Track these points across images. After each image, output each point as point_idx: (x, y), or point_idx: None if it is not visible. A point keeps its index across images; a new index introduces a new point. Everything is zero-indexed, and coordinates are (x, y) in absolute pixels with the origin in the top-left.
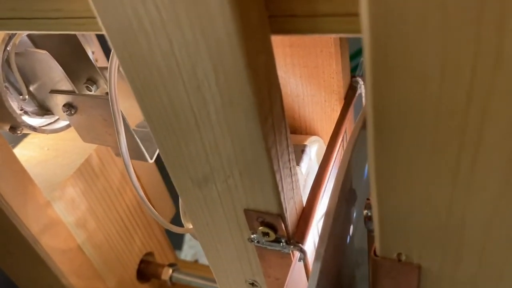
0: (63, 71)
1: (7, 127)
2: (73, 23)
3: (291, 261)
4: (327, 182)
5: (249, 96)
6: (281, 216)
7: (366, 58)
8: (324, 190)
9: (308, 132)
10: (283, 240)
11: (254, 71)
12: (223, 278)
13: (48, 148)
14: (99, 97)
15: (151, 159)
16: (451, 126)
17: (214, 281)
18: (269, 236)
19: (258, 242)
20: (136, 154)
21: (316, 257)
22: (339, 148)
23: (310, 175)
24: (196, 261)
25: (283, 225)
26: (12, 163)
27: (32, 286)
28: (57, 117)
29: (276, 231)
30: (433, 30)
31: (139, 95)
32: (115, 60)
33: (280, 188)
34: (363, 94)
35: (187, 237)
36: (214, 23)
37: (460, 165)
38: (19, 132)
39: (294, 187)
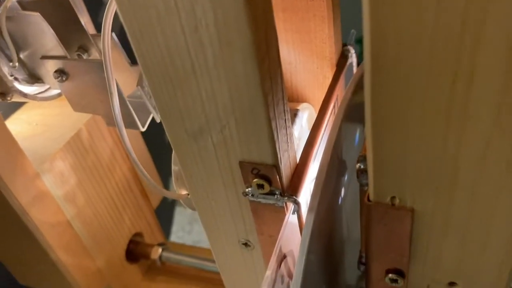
0: (55, 35)
1: None
2: None
3: (285, 215)
4: (319, 145)
5: (248, 36)
6: (276, 167)
7: None
8: (316, 152)
9: (300, 100)
10: (277, 192)
11: (253, 9)
12: (217, 239)
13: (36, 123)
14: (92, 61)
15: (143, 127)
16: (445, 55)
17: (204, 259)
18: (263, 188)
19: (252, 195)
20: (127, 122)
21: (310, 209)
22: (330, 114)
23: (302, 140)
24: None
25: (277, 176)
26: (2, 131)
27: (19, 261)
28: (48, 86)
29: (271, 183)
30: None
31: (136, 41)
32: (109, 18)
33: (275, 137)
34: (354, 64)
35: (175, 227)
36: None
37: (454, 97)
38: (9, 98)
39: (288, 141)
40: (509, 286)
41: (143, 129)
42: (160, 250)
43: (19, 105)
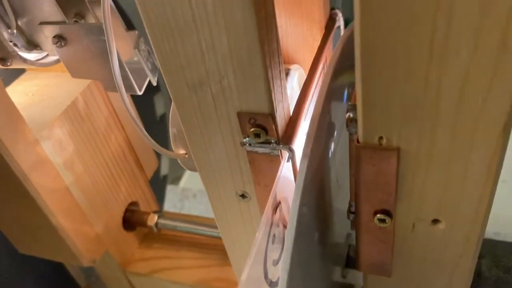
0: (54, 0)
1: None
2: None
3: (280, 164)
4: (310, 100)
5: None
6: (272, 115)
7: None
8: (308, 108)
9: (290, 62)
10: (273, 141)
11: None
12: (215, 192)
13: (32, 94)
14: (91, 25)
15: (140, 91)
16: None
17: (199, 224)
18: (260, 137)
19: (249, 145)
20: (125, 86)
21: (304, 155)
22: (320, 74)
23: (293, 99)
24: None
25: (273, 125)
26: (2, 97)
27: (20, 228)
28: (46, 53)
29: (267, 132)
30: None
31: None
32: None
33: (271, 86)
34: (341, 27)
35: (167, 205)
36: None
37: (435, 32)
38: (9, 63)
39: (282, 92)
40: (486, 220)
41: (140, 93)
42: (156, 217)
43: (14, 77)
